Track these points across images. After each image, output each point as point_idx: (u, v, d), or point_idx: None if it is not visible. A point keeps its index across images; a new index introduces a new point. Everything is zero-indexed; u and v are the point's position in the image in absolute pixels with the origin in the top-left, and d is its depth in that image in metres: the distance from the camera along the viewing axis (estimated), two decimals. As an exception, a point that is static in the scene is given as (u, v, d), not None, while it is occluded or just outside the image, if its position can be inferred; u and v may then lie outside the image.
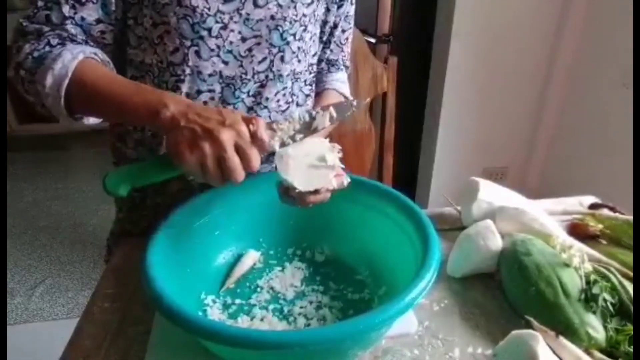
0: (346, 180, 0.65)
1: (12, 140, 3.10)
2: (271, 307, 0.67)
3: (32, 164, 3.14)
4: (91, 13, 0.69)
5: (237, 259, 0.75)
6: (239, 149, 0.55)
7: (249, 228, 0.76)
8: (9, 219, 2.45)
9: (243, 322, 0.64)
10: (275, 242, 0.78)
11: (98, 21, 0.70)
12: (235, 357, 0.54)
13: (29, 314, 1.88)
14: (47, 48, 0.65)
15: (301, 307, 0.67)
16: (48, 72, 0.63)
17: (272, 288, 0.71)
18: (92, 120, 0.71)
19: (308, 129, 0.64)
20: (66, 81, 0.63)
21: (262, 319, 0.64)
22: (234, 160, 0.54)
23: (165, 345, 0.60)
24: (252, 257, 0.75)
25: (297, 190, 0.62)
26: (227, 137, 0.53)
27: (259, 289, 0.71)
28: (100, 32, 0.71)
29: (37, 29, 0.67)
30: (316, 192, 0.63)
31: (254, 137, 0.56)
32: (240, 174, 0.55)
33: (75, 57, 0.64)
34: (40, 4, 0.68)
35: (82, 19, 0.69)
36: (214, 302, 0.67)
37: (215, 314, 0.65)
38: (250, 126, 0.56)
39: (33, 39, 0.67)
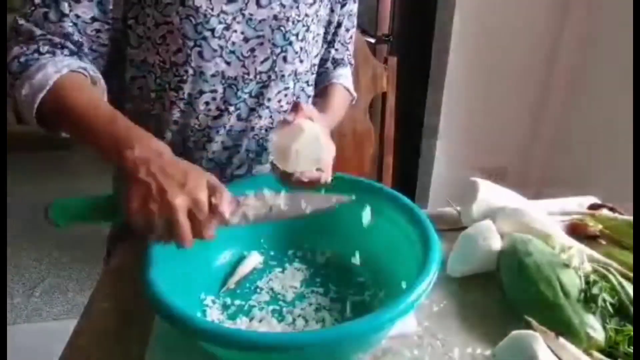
0: (324, 178, 0.65)
1: (12, 140, 3.09)
2: (270, 308, 0.67)
3: (32, 164, 3.13)
4: (86, 11, 0.68)
5: (238, 259, 0.75)
6: (192, 216, 0.52)
7: (250, 229, 0.75)
8: (9, 219, 2.45)
9: (242, 323, 0.64)
10: (276, 243, 0.78)
11: (93, 19, 0.69)
12: (234, 359, 0.54)
13: (29, 314, 1.88)
14: (35, 55, 0.64)
15: (301, 309, 0.66)
16: (27, 81, 0.62)
17: (272, 289, 0.71)
18: (63, 132, 0.68)
19: (276, 213, 0.60)
20: (43, 93, 0.61)
21: (261, 321, 0.64)
22: (183, 226, 0.51)
23: (165, 346, 0.60)
24: (254, 259, 0.75)
25: (272, 161, 0.61)
26: (180, 202, 0.51)
27: (258, 290, 0.71)
28: (95, 31, 0.70)
29: (29, 30, 0.66)
30: (292, 175, 0.63)
31: (213, 210, 0.53)
32: (187, 240, 0.52)
33: (59, 71, 0.62)
34: (37, 1, 0.66)
35: (77, 16, 0.68)
36: (214, 302, 0.67)
37: (214, 314, 0.65)
38: (212, 198, 0.53)
39: (23, 41, 0.66)
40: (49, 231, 2.40)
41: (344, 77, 0.98)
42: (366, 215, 0.67)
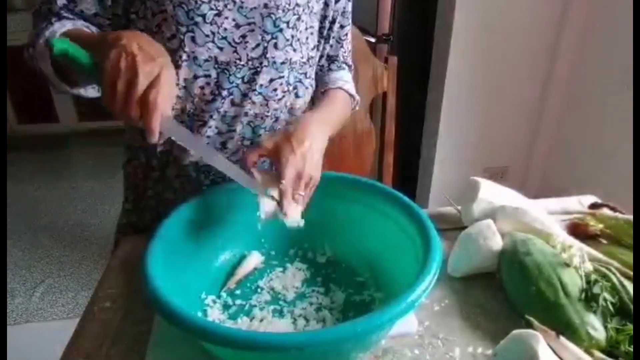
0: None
1: (12, 140, 3.10)
2: (271, 308, 0.67)
3: (32, 164, 3.14)
4: (89, 7, 0.74)
5: (239, 259, 0.75)
6: (149, 87, 0.55)
7: (251, 228, 0.76)
8: (9, 219, 2.45)
9: (243, 323, 0.64)
10: (276, 243, 0.78)
11: (96, 15, 0.75)
12: (235, 359, 0.54)
13: (30, 314, 1.88)
14: (47, 25, 0.71)
15: (302, 309, 0.66)
16: (40, 37, 0.69)
17: (272, 289, 0.71)
18: (83, 90, 0.75)
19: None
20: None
21: (261, 320, 0.64)
22: (140, 85, 0.54)
23: (165, 345, 0.60)
24: (255, 259, 0.75)
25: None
26: (146, 69, 0.55)
27: (259, 290, 0.71)
28: (98, 25, 0.76)
29: (44, 13, 0.74)
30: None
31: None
32: (130, 103, 0.55)
33: (64, 25, 0.70)
34: None
35: (82, 11, 0.74)
36: (215, 302, 0.67)
37: (215, 314, 0.65)
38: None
39: (39, 21, 0.73)
40: (49, 231, 2.40)
41: (342, 80, 0.97)
42: None
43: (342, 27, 0.95)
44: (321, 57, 0.97)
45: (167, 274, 0.56)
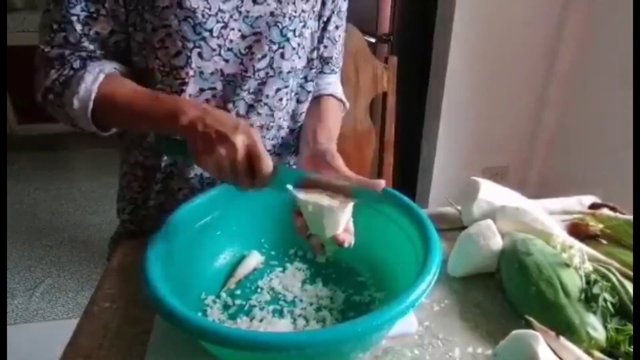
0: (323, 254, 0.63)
1: (12, 140, 3.10)
2: (271, 308, 0.67)
3: (32, 164, 3.13)
4: (104, 26, 0.72)
5: (239, 259, 0.75)
6: (249, 154, 0.58)
7: (251, 228, 0.76)
8: (9, 219, 2.45)
9: (242, 323, 0.64)
10: (276, 243, 0.78)
11: (112, 33, 0.73)
12: (235, 359, 0.54)
13: (29, 314, 1.88)
14: (71, 72, 0.70)
15: (301, 309, 0.66)
16: (74, 96, 0.68)
17: (272, 289, 0.71)
18: (118, 127, 0.76)
19: None
20: (90, 103, 0.68)
21: (261, 320, 0.64)
22: (244, 164, 0.58)
23: (165, 346, 0.60)
24: (255, 259, 0.75)
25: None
26: (239, 141, 0.57)
27: (259, 290, 0.71)
28: (115, 43, 0.74)
29: (59, 53, 0.70)
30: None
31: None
32: (245, 179, 0.59)
33: (96, 79, 0.69)
34: (55, 26, 0.70)
35: (97, 33, 0.71)
36: (214, 302, 0.67)
37: (215, 314, 0.65)
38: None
39: (58, 64, 0.71)
40: (49, 231, 2.40)
41: (334, 86, 0.95)
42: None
43: (336, 27, 0.92)
44: (315, 58, 0.95)
45: (167, 273, 0.56)
